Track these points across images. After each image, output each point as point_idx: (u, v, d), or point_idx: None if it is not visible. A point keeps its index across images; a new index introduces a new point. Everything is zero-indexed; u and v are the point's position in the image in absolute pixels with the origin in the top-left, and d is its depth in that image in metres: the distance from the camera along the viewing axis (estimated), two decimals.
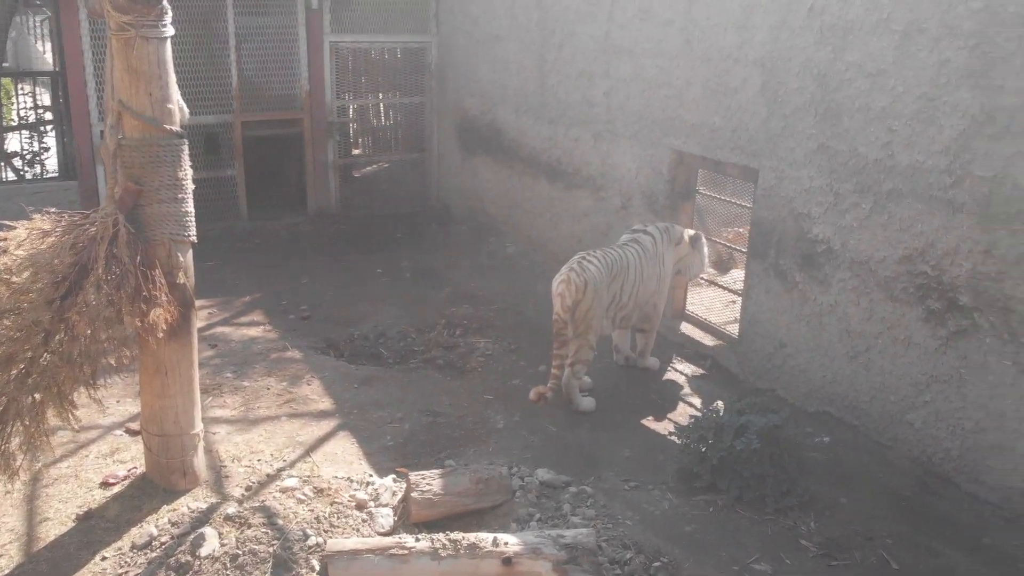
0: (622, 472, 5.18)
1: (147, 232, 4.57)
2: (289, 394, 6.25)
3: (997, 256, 4.56)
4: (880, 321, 5.30)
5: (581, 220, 8.39)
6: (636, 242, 6.27)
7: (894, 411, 5.25)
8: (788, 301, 5.98)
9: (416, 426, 5.76)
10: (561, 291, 5.79)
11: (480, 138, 10.33)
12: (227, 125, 10.32)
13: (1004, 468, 4.63)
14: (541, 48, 8.70)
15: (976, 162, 4.62)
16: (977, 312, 4.70)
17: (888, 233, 5.18)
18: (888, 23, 5.02)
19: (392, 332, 7.55)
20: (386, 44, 11.12)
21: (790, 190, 5.84)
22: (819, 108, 5.54)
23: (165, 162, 4.57)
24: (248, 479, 5.06)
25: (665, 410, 6.09)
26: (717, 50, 6.34)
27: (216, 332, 7.54)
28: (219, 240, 10.08)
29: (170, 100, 4.57)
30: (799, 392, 5.96)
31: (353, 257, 9.74)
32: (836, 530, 4.56)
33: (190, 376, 4.89)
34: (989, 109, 4.53)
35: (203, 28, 9.91)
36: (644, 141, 7.30)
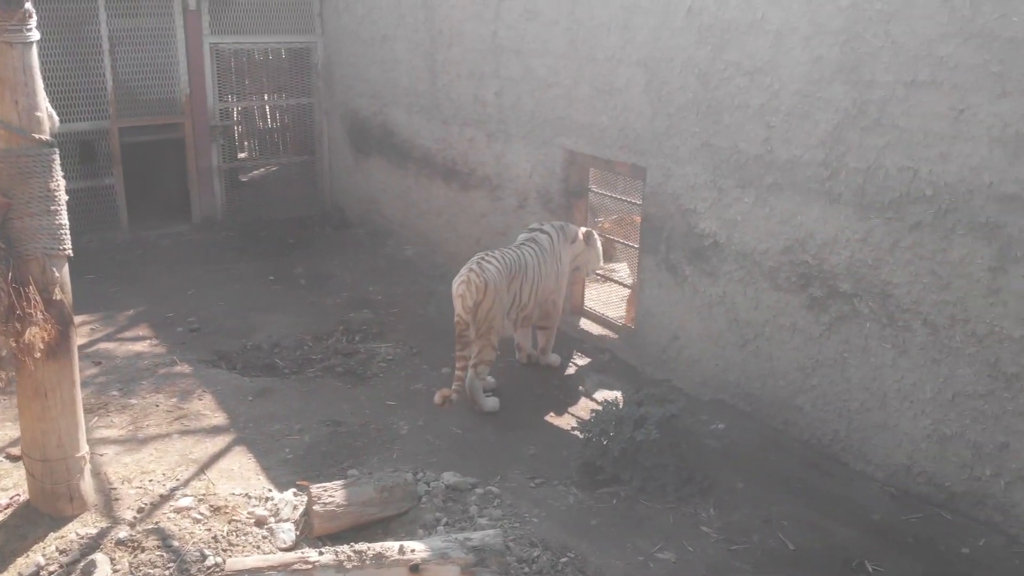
0: (528, 470, 5.21)
1: (19, 247, 4.32)
2: (180, 410, 6.01)
3: (873, 244, 4.80)
4: (766, 310, 5.50)
5: (479, 220, 8.40)
6: (534, 241, 6.32)
7: (784, 396, 5.46)
8: (680, 294, 6.14)
9: (316, 437, 5.64)
10: (462, 292, 5.78)
11: (372, 139, 10.20)
12: (103, 132, 9.86)
13: (888, 446, 4.88)
14: (430, 48, 8.66)
15: (850, 154, 4.85)
16: (857, 298, 4.93)
17: (770, 225, 5.38)
18: (763, 23, 5.20)
19: (287, 341, 7.37)
20: (269, 44, 10.84)
21: (676, 187, 5.99)
22: (701, 106, 5.70)
23: (35, 173, 4.32)
24: (140, 501, 4.84)
25: (568, 405, 6.15)
26: (602, 50, 6.44)
27: (99, 348, 7.19)
28: (99, 252, 9.65)
29: (38, 108, 4.33)
30: (694, 381, 6.12)
31: (243, 266, 9.45)
32: (735, 515, 4.71)
33: (72, 396, 4.64)
34: (860, 103, 4.76)
35: (73, 32, 9.43)
36: (537, 141, 7.36)
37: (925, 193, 4.50)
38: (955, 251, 4.41)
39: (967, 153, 4.30)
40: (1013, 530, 4.35)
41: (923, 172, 4.50)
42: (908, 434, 4.77)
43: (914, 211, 4.57)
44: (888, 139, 4.64)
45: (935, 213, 4.47)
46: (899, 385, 4.77)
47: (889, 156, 4.65)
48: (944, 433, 4.59)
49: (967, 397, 4.46)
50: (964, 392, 4.47)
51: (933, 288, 4.53)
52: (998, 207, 4.20)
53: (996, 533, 4.40)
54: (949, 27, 4.29)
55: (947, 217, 4.42)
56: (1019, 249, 4.15)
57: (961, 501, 4.56)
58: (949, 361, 4.52)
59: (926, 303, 4.58)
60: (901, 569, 4.23)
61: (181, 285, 8.82)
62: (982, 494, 4.46)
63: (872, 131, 4.71)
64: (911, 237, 4.60)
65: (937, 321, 4.54)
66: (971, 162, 4.28)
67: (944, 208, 4.43)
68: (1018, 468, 4.30)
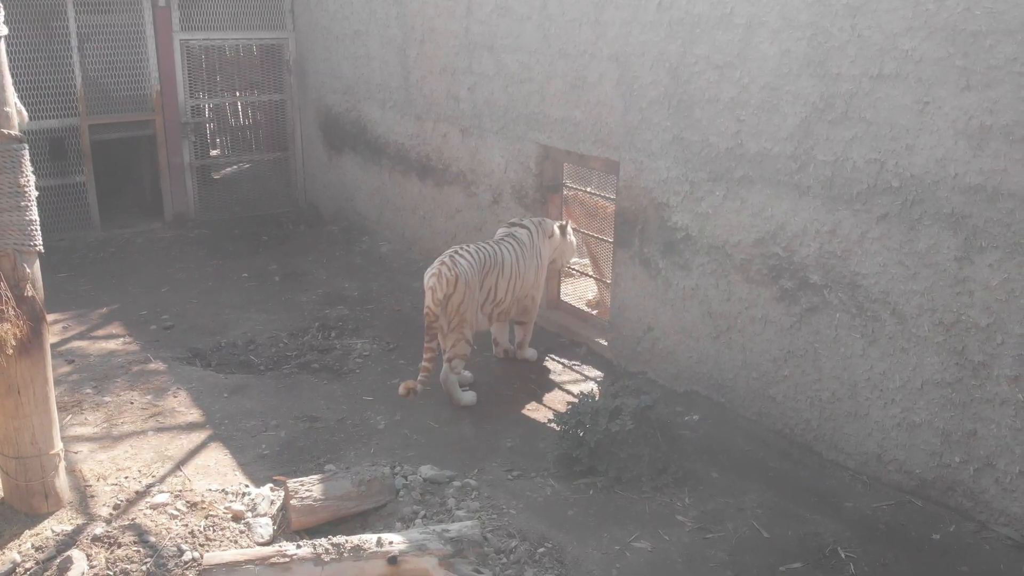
0: (505, 463, 5.24)
1: None
2: (155, 407, 5.99)
3: (842, 235, 4.87)
4: (739, 302, 5.56)
5: (454, 216, 8.41)
6: (512, 237, 6.34)
7: (757, 386, 5.53)
8: (653, 287, 6.19)
9: (293, 433, 5.64)
10: (432, 284, 5.79)
11: (346, 135, 10.17)
12: (73, 129, 9.77)
13: (859, 435, 4.96)
14: (402, 43, 8.65)
15: (818, 147, 4.92)
16: (827, 289, 5.00)
17: (741, 218, 5.44)
18: (732, 17, 5.26)
19: (262, 338, 7.34)
20: (241, 41, 10.78)
21: (649, 181, 6.05)
22: (672, 101, 5.76)
23: (4, 169, 4.30)
24: (116, 497, 4.83)
25: (544, 399, 6.19)
26: (574, 45, 6.47)
27: (72, 347, 7.13)
28: (71, 251, 9.58)
29: (7, 103, 4.30)
30: (668, 373, 6.18)
31: (216, 263, 9.40)
32: (709, 504, 4.77)
33: (45, 393, 4.62)
34: (828, 96, 4.83)
35: (41, 27, 9.34)
36: (511, 136, 7.38)
37: (892, 185, 4.58)
38: (922, 242, 4.49)
39: (932, 145, 4.38)
40: (982, 516, 4.44)
41: (890, 164, 4.57)
42: (878, 423, 4.85)
43: (881, 202, 4.65)
44: (855, 132, 4.72)
45: (902, 204, 4.55)
46: (869, 374, 4.86)
47: (856, 148, 4.72)
48: (913, 421, 4.68)
49: (935, 385, 4.55)
50: (932, 380, 4.56)
51: (901, 278, 4.61)
52: (963, 198, 4.29)
53: (966, 519, 4.49)
54: (914, 21, 4.36)
55: (913, 208, 4.50)
56: (984, 239, 4.23)
57: (931, 488, 4.65)
58: (917, 350, 4.60)
59: (894, 293, 4.66)
60: (873, 556, 4.31)
61: (154, 283, 8.77)
62: (951, 481, 4.55)
63: (839, 124, 4.79)
64: (879, 228, 4.68)
65: (905, 311, 4.62)
66: (936, 154, 4.37)
67: (910, 199, 4.51)
68: (986, 455, 4.39)
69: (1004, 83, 4.07)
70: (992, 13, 4.05)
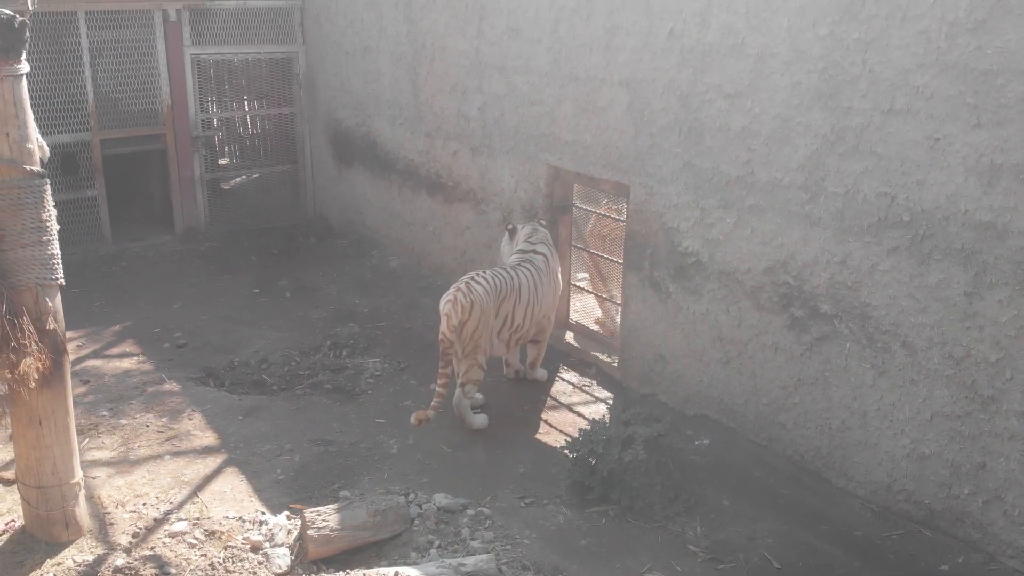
0: (518, 489, 5.30)
1: (12, 278, 4.37)
2: (170, 430, 6.05)
3: (852, 267, 4.92)
4: (749, 328, 5.61)
5: (464, 233, 8.46)
6: (529, 262, 6.38)
7: (767, 412, 5.58)
8: (663, 310, 6.24)
9: (307, 457, 5.70)
10: (447, 311, 5.85)
11: (356, 149, 10.23)
12: (84, 144, 9.83)
13: (869, 464, 5.01)
14: (413, 61, 8.71)
15: (829, 179, 4.97)
16: (837, 319, 5.05)
17: (752, 246, 5.49)
18: (743, 47, 5.31)
19: (275, 357, 7.41)
20: (250, 55, 10.83)
21: (660, 205, 6.10)
22: (683, 127, 5.80)
23: (27, 204, 4.36)
24: (134, 525, 4.90)
25: (556, 421, 6.24)
26: (584, 69, 6.52)
27: (87, 366, 7.20)
28: (83, 265, 9.63)
29: (29, 140, 4.36)
30: (678, 397, 6.23)
31: (227, 278, 9.46)
32: (721, 533, 4.82)
33: (66, 424, 4.69)
34: (839, 129, 4.88)
35: (53, 43, 9.40)
36: (521, 156, 7.43)
37: (902, 219, 4.63)
38: (932, 276, 4.54)
39: (943, 181, 4.42)
40: (991, 548, 4.49)
41: (900, 198, 4.62)
42: (888, 452, 4.90)
43: (892, 236, 4.69)
44: (866, 165, 4.76)
45: (912, 238, 4.60)
46: (879, 405, 4.90)
47: (867, 181, 4.77)
48: (923, 452, 4.73)
49: (945, 418, 4.60)
50: (942, 413, 4.61)
51: (911, 311, 4.66)
52: (973, 234, 4.33)
53: (974, 551, 4.54)
54: (925, 58, 4.41)
55: (924, 243, 4.55)
56: (994, 276, 4.28)
57: (940, 519, 4.70)
58: (927, 382, 4.65)
59: (904, 325, 4.70)
60: None
61: (166, 298, 8.83)
62: (960, 512, 4.60)
63: (850, 157, 4.83)
64: (889, 261, 4.73)
65: (915, 343, 4.67)
66: (947, 190, 4.41)
67: (921, 234, 4.55)
68: (995, 488, 4.44)
69: (1015, 122, 4.11)
70: (1003, 53, 4.10)
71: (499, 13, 7.30)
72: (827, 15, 4.81)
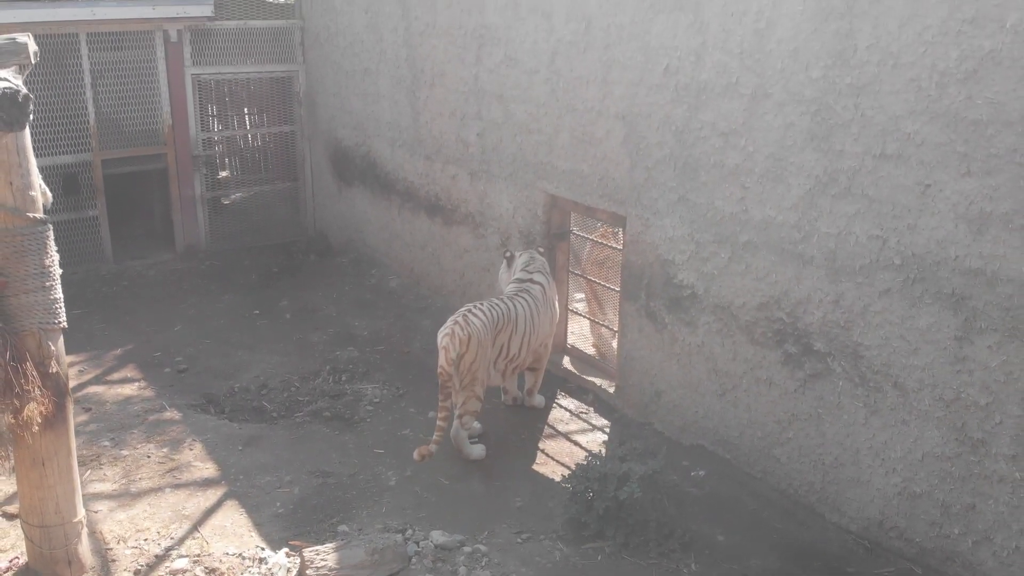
0: (515, 524, 5.36)
1: (15, 323, 4.42)
2: (171, 461, 6.12)
3: (845, 306, 4.98)
4: (744, 362, 5.67)
5: (463, 256, 8.52)
6: (526, 292, 6.44)
7: (761, 446, 5.64)
8: (660, 341, 6.30)
9: (306, 490, 5.76)
10: (445, 344, 5.91)
11: (356, 169, 10.30)
12: (86, 164, 9.91)
13: (862, 500, 5.07)
14: (412, 85, 8.77)
15: (822, 219, 5.03)
16: (830, 357, 5.11)
17: (746, 281, 5.55)
18: (737, 87, 5.37)
19: (274, 382, 7.47)
20: (251, 74, 10.90)
21: (656, 237, 6.15)
22: (678, 162, 5.86)
23: (31, 251, 4.42)
24: (136, 562, 4.96)
25: (553, 451, 6.31)
26: (581, 101, 6.58)
27: (89, 392, 7.27)
28: (84, 285, 9.70)
29: (32, 187, 4.42)
30: (675, 426, 6.29)
31: (228, 298, 9.53)
32: (715, 570, 4.88)
33: (69, 464, 4.74)
34: (831, 171, 4.93)
35: (55, 65, 9.47)
36: (519, 183, 7.49)
37: (894, 262, 4.68)
38: (923, 319, 4.60)
39: (933, 226, 4.48)
40: None
41: (892, 241, 4.68)
42: (880, 490, 4.96)
43: (883, 278, 4.75)
44: (858, 207, 4.82)
45: (903, 281, 4.65)
46: (871, 443, 4.96)
47: (859, 224, 4.83)
48: (914, 491, 4.79)
49: (936, 459, 4.66)
50: (933, 454, 4.67)
51: (902, 352, 4.72)
52: (963, 280, 4.39)
53: None
54: (916, 105, 4.46)
55: (915, 286, 4.61)
56: (983, 321, 4.34)
57: (931, 557, 4.76)
58: (918, 423, 4.71)
59: (896, 366, 4.76)
60: None
61: (167, 320, 8.90)
62: (951, 551, 4.66)
63: (842, 199, 4.89)
64: (881, 303, 4.78)
65: (907, 384, 4.73)
66: (937, 235, 4.47)
67: (912, 277, 4.61)
68: (984, 529, 4.49)
69: (1004, 171, 4.17)
70: (993, 104, 4.15)
71: (497, 42, 7.37)
72: (820, 59, 4.87)
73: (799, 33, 4.94)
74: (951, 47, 4.27)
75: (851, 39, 4.69)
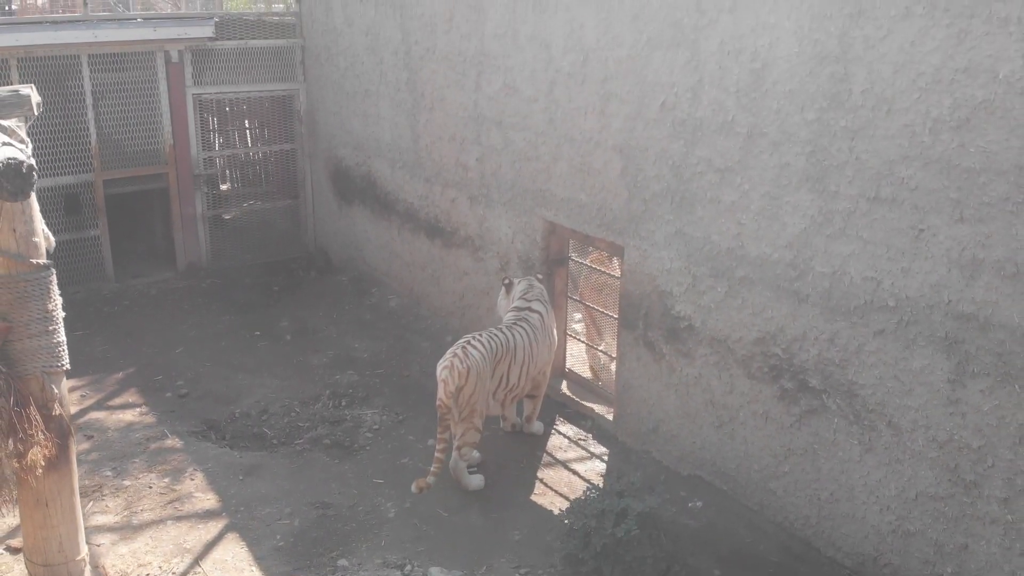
0: (513, 558, 5.41)
1: (18, 368, 4.46)
2: (172, 492, 6.17)
3: (840, 345, 5.03)
4: (741, 395, 5.72)
5: (462, 278, 8.57)
6: (524, 321, 6.49)
7: (758, 479, 5.69)
8: (657, 370, 6.35)
9: (306, 522, 5.81)
10: (444, 377, 5.95)
11: (356, 188, 10.34)
12: (87, 184, 9.96)
13: (856, 536, 5.12)
14: (412, 108, 8.82)
15: (817, 258, 5.07)
16: (825, 394, 5.16)
17: (742, 316, 5.59)
18: (733, 125, 5.41)
19: (275, 407, 7.52)
20: (252, 93, 10.94)
21: (653, 268, 6.20)
22: (675, 196, 5.91)
23: (34, 296, 4.46)
24: None
25: (552, 480, 6.35)
26: (579, 131, 6.63)
27: (91, 419, 7.32)
28: (85, 304, 9.74)
29: (35, 233, 4.46)
30: (673, 456, 6.34)
31: (228, 319, 9.56)
32: None
33: (72, 504, 4.79)
34: (826, 211, 4.98)
35: (56, 86, 9.52)
36: (518, 209, 7.54)
37: (888, 303, 4.73)
38: (916, 360, 4.64)
39: (927, 271, 4.52)
40: None
41: (886, 284, 4.72)
42: (875, 527, 5.01)
43: (877, 319, 4.80)
44: (852, 248, 4.87)
45: (897, 323, 4.70)
46: (866, 480, 5.01)
47: (854, 265, 4.87)
48: (908, 529, 4.83)
49: (929, 499, 4.70)
50: (926, 493, 4.71)
51: (896, 393, 4.76)
52: (956, 324, 4.44)
53: None
54: (910, 150, 4.51)
55: (909, 328, 4.65)
56: (976, 366, 4.38)
57: None
58: (912, 462, 4.76)
59: (890, 406, 4.81)
60: None
61: (169, 341, 8.94)
62: None
63: (837, 239, 4.94)
64: (875, 343, 4.83)
65: (901, 424, 4.78)
66: (931, 279, 4.51)
67: (906, 320, 4.66)
68: (977, 569, 4.54)
69: (996, 220, 4.21)
70: (986, 153, 4.20)
71: (496, 70, 7.41)
72: (815, 101, 4.91)
73: (794, 75, 4.99)
74: (944, 95, 4.32)
75: (846, 83, 4.74)
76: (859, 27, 4.62)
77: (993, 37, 4.09)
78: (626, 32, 6.03)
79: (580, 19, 6.39)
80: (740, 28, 5.25)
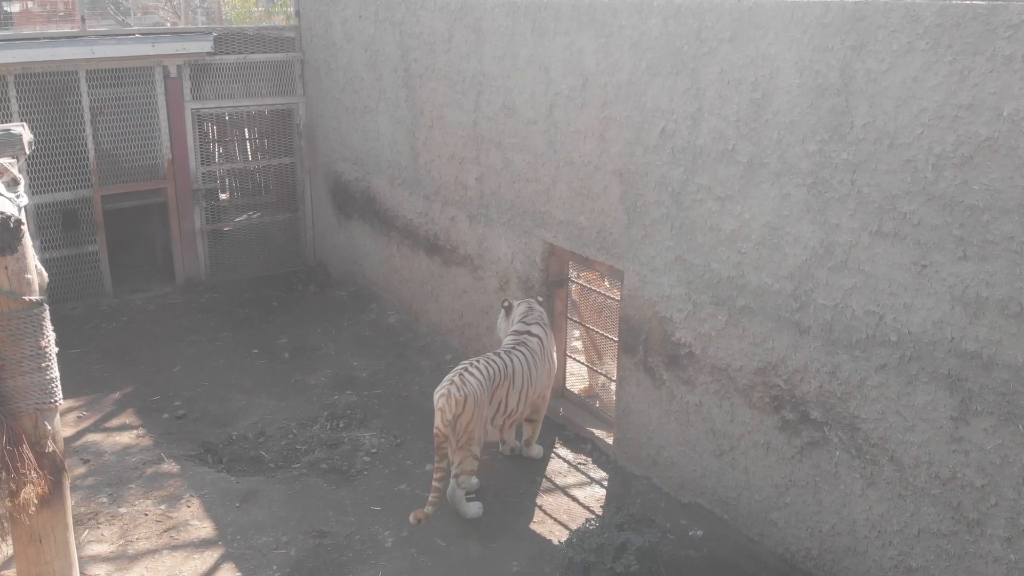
0: None
1: (11, 405, 4.41)
2: (168, 519, 6.12)
3: (841, 378, 4.97)
4: (741, 424, 5.67)
5: (461, 296, 8.52)
6: (523, 345, 6.44)
7: (759, 509, 5.64)
8: (657, 396, 6.30)
9: (303, 551, 5.77)
10: (441, 405, 5.91)
11: (355, 203, 10.30)
12: (86, 200, 9.92)
13: (858, 570, 5.07)
14: (412, 125, 8.77)
15: (818, 290, 5.02)
16: (827, 427, 5.11)
17: (743, 345, 5.54)
18: (733, 153, 5.36)
19: (272, 429, 7.48)
20: (251, 107, 10.90)
21: (653, 294, 6.15)
22: (675, 223, 5.86)
23: (27, 333, 4.41)
24: None
25: (551, 507, 6.30)
26: (579, 155, 6.58)
27: (87, 441, 7.28)
28: (83, 320, 9.71)
29: (28, 270, 4.41)
30: (673, 483, 6.29)
31: (227, 335, 9.51)
32: None
33: (65, 539, 4.74)
34: (828, 244, 4.93)
35: (54, 102, 9.49)
36: (517, 229, 7.49)
37: (890, 338, 4.68)
38: (919, 396, 4.59)
39: (930, 307, 4.47)
40: None
41: (888, 318, 4.67)
42: (877, 562, 4.96)
43: (880, 353, 4.74)
44: (854, 282, 4.81)
45: (900, 358, 4.65)
46: (868, 515, 4.96)
47: (855, 298, 4.82)
48: (910, 566, 4.78)
49: (932, 535, 4.65)
50: (929, 530, 4.66)
51: (899, 428, 4.71)
52: (959, 362, 4.38)
53: None
54: (912, 186, 4.46)
55: (911, 364, 4.60)
56: (979, 404, 4.33)
57: None
58: (914, 498, 4.70)
59: (892, 441, 4.76)
60: None
61: (166, 360, 8.89)
62: None
63: (839, 272, 4.88)
64: (877, 377, 4.78)
65: (903, 459, 4.72)
66: (934, 316, 4.46)
67: (908, 355, 4.60)
68: None
69: (1000, 258, 4.16)
70: (990, 191, 4.14)
71: (495, 90, 7.37)
72: (816, 133, 4.86)
73: (795, 106, 4.94)
74: (947, 131, 4.26)
75: (847, 116, 4.68)
76: (861, 60, 4.57)
77: (997, 75, 4.03)
78: (625, 58, 5.98)
79: (579, 44, 6.35)
80: (740, 58, 5.20)
